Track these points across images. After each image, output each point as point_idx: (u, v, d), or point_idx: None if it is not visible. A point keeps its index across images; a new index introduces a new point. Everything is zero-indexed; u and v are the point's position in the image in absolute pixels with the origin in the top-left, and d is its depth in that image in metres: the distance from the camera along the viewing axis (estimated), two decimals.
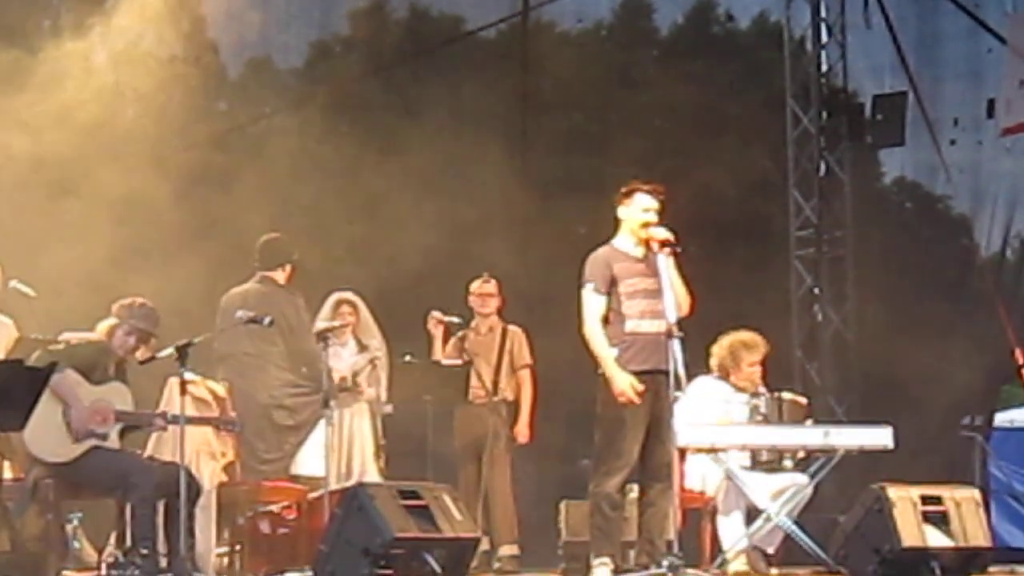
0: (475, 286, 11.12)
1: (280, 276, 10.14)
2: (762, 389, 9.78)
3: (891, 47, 13.47)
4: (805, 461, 9.57)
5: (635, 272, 8.79)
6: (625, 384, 8.58)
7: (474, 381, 10.72)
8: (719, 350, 9.86)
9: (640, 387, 8.60)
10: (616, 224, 8.97)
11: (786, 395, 9.76)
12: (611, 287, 8.76)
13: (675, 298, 8.64)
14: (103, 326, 8.69)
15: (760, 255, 13.75)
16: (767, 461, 9.55)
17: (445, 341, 10.91)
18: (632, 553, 9.30)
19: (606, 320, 8.76)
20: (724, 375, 9.81)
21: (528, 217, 13.48)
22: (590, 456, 8.96)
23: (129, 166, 11.96)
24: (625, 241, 8.90)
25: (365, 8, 14.37)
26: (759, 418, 9.48)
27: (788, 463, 9.57)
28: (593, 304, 8.78)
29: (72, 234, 11.55)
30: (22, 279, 9.69)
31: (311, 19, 14.15)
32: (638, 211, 8.84)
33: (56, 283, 10.36)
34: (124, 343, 8.70)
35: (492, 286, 11.11)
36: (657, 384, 8.62)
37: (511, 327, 11.11)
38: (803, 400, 9.96)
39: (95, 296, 10.01)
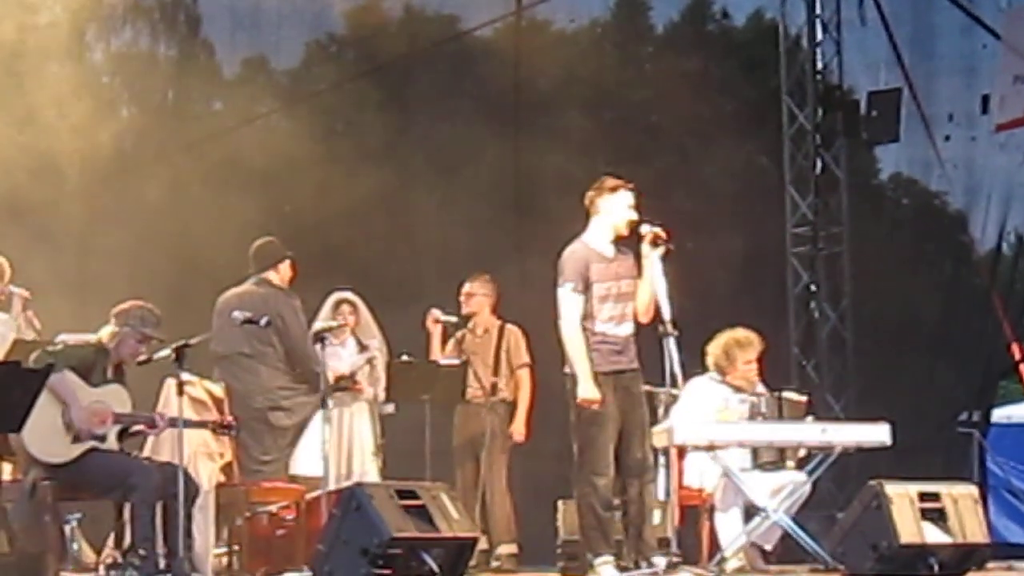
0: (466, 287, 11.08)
1: (275, 277, 10.09)
2: (761, 388, 9.77)
3: (886, 43, 13.47)
4: (806, 460, 9.56)
5: (608, 275, 8.74)
6: (589, 395, 8.58)
7: (471, 381, 10.70)
8: (714, 349, 9.83)
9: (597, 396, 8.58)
10: (587, 217, 8.89)
11: (786, 394, 9.76)
12: (586, 288, 8.72)
13: (646, 298, 8.68)
14: (105, 332, 8.65)
15: (756, 252, 13.74)
16: (769, 462, 9.55)
17: (443, 340, 10.88)
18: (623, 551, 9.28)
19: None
20: (721, 374, 9.79)
21: (523, 215, 13.47)
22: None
23: (125, 166, 11.97)
24: (600, 239, 8.83)
25: (360, 7, 14.36)
26: (759, 418, 9.47)
27: (790, 463, 9.57)
28: (571, 304, 8.71)
29: (66, 235, 11.56)
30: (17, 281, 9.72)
31: (306, 18, 14.14)
32: (623, 207, 8.80)
33: (49, 285, 10.34)
34: (128, 348, 8.65)
35: (474, 286, 11.01)
36: (626, 382, 8.67)
37: (509, 326, 11.07)
38: (803, 399, 9.96)
39: (90, 297, 10.01)
